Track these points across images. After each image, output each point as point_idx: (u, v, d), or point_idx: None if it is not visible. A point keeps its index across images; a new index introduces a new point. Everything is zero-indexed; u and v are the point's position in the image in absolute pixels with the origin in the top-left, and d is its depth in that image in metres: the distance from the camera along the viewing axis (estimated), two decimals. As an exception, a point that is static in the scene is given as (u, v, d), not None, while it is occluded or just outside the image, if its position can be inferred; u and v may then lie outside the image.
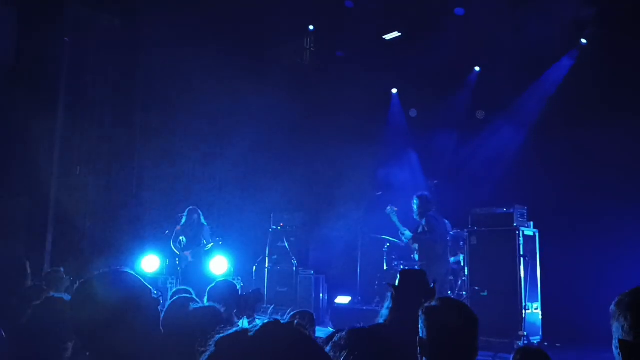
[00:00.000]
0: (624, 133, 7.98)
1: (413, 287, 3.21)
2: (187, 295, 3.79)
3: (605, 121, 8.10)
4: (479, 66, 10.48)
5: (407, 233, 8.26)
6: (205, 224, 9.23)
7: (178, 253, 9.10)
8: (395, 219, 8.37)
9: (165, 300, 3.41)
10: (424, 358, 2.15)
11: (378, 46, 11.10)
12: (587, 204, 8.21)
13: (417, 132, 11.04)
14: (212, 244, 9.04)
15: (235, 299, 4.19)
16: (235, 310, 4.28)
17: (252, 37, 11.40)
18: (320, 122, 11.51)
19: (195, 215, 9.11)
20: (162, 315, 2.13)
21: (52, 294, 2.79)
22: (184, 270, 8.97)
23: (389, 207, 8.43)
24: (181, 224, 9.07)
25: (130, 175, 10.88)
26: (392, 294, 3.14)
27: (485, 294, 7.68)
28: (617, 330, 1.71)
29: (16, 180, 8.66)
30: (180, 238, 9.11)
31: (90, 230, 10.28)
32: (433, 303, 2.19)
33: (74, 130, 10.17)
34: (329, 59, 12.01)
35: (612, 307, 1.77)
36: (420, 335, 2.15)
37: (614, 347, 1.78)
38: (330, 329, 8.79)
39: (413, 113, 9.25)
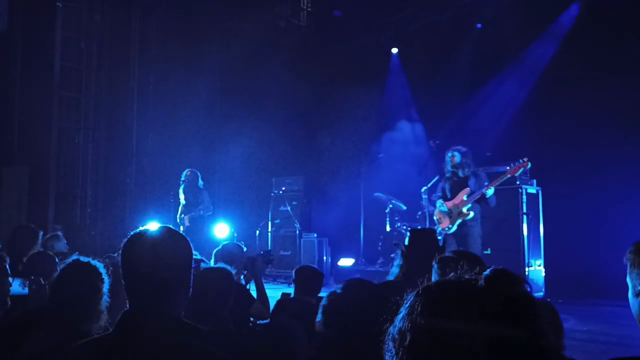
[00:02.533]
0: (628, 87, 7.90)
1: (423, 244, 3.21)
2: (196, 258, 3.78)
3: (608, 76, 8.00)
4: (481, 23, 10.29)
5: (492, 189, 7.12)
6: (201, 184, 9.12)
7: (178, 221, 9.04)
8: None
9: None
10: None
11: (377, 4, 10.89)
12: (590, 161, 8.18)
13: (418, 91, 10.92)
14: (202, 211, 8.89)
15: (241, 262, 4.19)
16: (245, 272, 4.28)
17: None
18: (319, 84, 11.38)
19: (192, 177, 8.96)
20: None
21: (77, 257, 2.69)
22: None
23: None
24: (181, 188, 8.97)
25: (130, 142, 10.83)
26: (402, 251, 3.15)
27: (489, 252, 7.72)
28: (638, 278, 1.68)
29: (15, 149, 8.61)
30: (181, 203, 9.04)
31: (91, 198, 10.28)
32: (446, 254, 2.18)
33: (71, 99, 10.07)
34: (326, 19, 11.80)
35: (630, 255, 1.73)
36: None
37: (631, 296, 1.74)
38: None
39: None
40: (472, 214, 7.09)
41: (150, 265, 1.68)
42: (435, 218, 7.32)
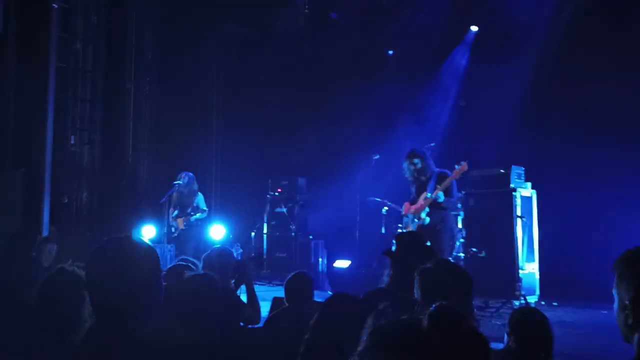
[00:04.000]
0: (623, 90, 7.91)
1: (409, 250, 3.20)
2: (182, 263, 3.77)
3: (605, 79, 8.00)
4: (476, 25, 10.30)
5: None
6: (196, 188, 9.10)
7: (171, 221, 9.01)
8: None
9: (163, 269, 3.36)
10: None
11: (373, 6, 10.89)
12: (585, 163, 8.19)
13: (414, 93, 10.92)
14: (198, 214, 8.88)
15: (231, 266, 4.17)
16: (236, 276, 4.25)
17: (247, 1, 11.18)
18: (316, 86, 11.37)
19: (187, 180, 8.94)
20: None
21: (64, 265, 2.71)
22: (177, 238, 8.88)
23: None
24: (175, 190, 8.95)
25: (126, 144, 10.81)
26: (391, 261, 3.14)
27: (483, 255, 7.71)
28: (626, 291, 1.65)
29: (9, 152, 8.59)
30: (176, 207, 9.02)
31: (87, 201, 10.26)
32: (428, 265, 2.17)
33: (66, 100, 10.05)
34: (323, 21, 11.79)
35: (619, 267, 1.71)
36: (416, 296, 2.15)
37: (617, 308, 1.72)
38: (330, 293, 8.87)
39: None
40: (427, 219, 6.91)
41: (115, 279, 1.64)
42: (403, 223, 7.24)
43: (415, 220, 6.97)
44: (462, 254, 8.16)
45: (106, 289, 1.65)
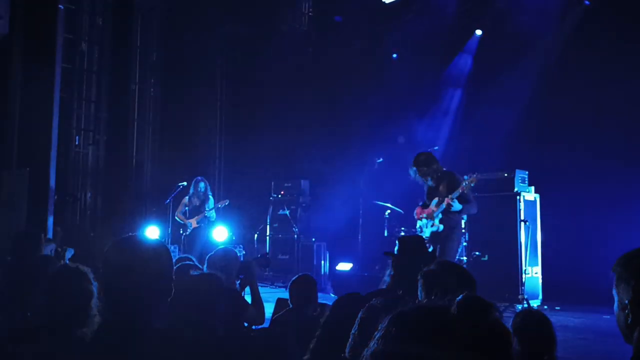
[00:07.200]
0: (628, 95, 7.91)
1: (410, 253, 3.22)
2: (189, 263, 3.79)
3: (608, 83, 8.01)
4: (481, 29, 10.31)
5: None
6: (211, 194, 9.34)
7: (183, 222, 9.16)
8: None
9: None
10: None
11: (377, 10, 10.92)
12: (589, 168, 8.18)
13: (418, 96, 10.93)
14: (212, 208, 9.11)
15: (235, 266, 4.18)
16: (241, 277, 4.26)
17: (252, 3, 11.23)
18: (320, 88, 11.39)
19: (203, 185, 9.21)
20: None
21: (67, 263, 2.76)
22: (188, 236, 9.09)
23: None
24: (189, 194, 9.17)
25: (130, 145, 10.85)
26: (392, 261, 3.16)
27: (486, 258, 7.71)
28: (625, 291, 1.68)
29: (14, 152, 8.63)
30: (185, 209, 9.19)
31: (91, 201, 10.30)
32: (432, 267, 2.19)
33: (71, 101, 10.10)
34: (327, 24, 11.83)
35: (618, 268, 1.73)
36: (419, 298, 2.16)
37: (617, 308, 1.74)
38: (332, 295, 8.88)
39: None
40: (441, 227, 6.72)
41: (129, 276, 1.68)
42: (417, 226, 7.17)
43: (430, 226, 6.88)
44: (464, 257, 8.16)
45: (122, 286, 1.69)
